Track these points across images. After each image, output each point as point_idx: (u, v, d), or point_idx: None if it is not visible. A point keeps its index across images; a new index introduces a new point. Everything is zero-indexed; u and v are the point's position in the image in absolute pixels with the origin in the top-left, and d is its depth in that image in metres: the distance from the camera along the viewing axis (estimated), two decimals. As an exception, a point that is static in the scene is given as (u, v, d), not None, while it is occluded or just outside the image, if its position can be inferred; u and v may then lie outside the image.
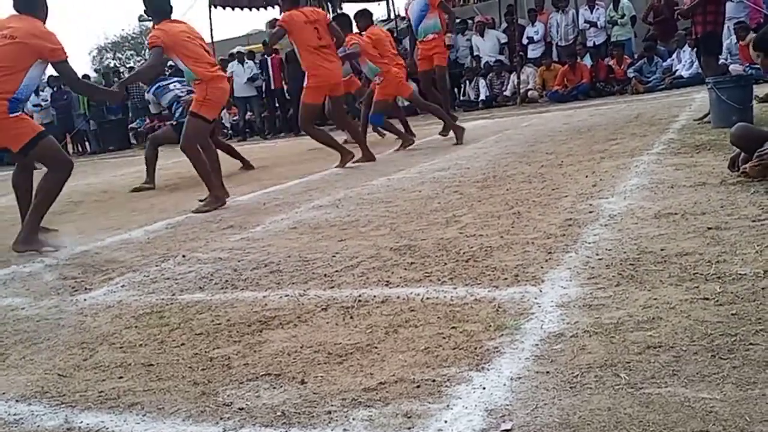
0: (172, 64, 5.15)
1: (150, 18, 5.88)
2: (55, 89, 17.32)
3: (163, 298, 3.00)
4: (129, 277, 3.47)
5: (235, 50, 16.25)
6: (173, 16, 5.50)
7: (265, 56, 15.05)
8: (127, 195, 7.20)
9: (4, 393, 2.14)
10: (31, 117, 15.71)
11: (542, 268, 2.71)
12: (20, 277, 3.80)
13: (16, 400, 2.08)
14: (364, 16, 8.14)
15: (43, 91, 17.00)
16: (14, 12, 4.52)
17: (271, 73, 14.95)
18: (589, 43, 13.24)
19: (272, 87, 15.05)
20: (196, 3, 15.95)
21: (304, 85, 6.83)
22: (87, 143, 17.80)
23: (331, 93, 7.03)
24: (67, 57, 4.50)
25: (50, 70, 4.87)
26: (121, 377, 2.16)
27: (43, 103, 16.88)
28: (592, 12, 13.16)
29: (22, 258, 4.29)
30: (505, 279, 2.63)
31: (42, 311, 3.04)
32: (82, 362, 2.35)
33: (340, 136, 8.43)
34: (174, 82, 8.03)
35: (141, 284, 3.29)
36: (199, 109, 5.36)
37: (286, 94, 14.94)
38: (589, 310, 2.21)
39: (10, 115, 4.36)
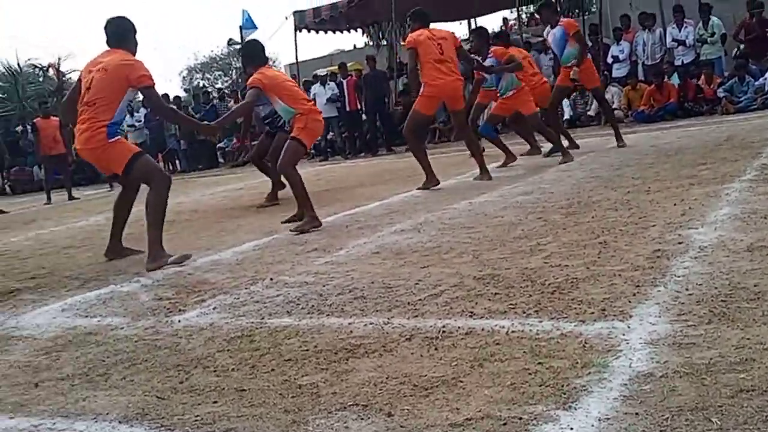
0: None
1: (246, 61, 6.26)
2: (149, 110, 18.07)
3: (253, 322, 3.10)
4: (220, 299, 3.60)
5: (318, 72, 16.63)
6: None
7: (341, 78, 15.33)
8: (216, 214, 7.44)
9: (108, 413, 2.27)
10: (126, 137, 16.51)
11: (630, 302, 2.67)
12: (118, 296, 4.00)
13: (119, 422, 2.20)
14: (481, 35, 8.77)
15: (137, 112, 17.79)
16: (108, 48, 4.90)
17: (346, 94, 15.20)
18: (677, 62, 12.93)
19: (347, 109, 15.29)
20: (282, 26, 16.40)
21: (420, 93, 7.05)
22: (177, 162, 18.48)
23: (451, 107, 7.30)
24: (153, 84, 4.80)
25: None
26: (215, 402, 2.26)
27: (137, 124, 17.68)
28: (680, 30, 12.85)
29: (120, 278, 4.51)
30: (592, 313, 2.61)
31: (140, 332, 3.20)
32: (179, 385, 2.46)
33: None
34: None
35: (232, 307, 3.41)
36: (299, 134, 5.59)
37: (363, 116, 15.18)
38: (680, 349, 2.17)
39: (109, 141, 4.67)
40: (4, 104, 28.02)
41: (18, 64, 28.33)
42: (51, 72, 25.68)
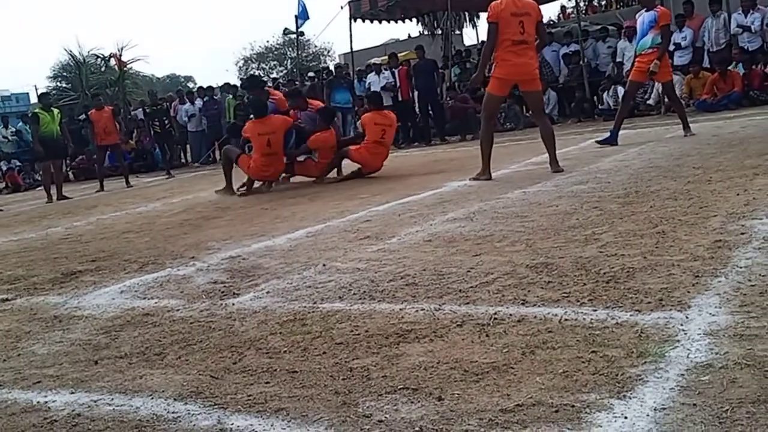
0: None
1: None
2: (205, 99, 18.40)
3: (305, 306, 3.13)
4: (273, 284, 3.64)
5: (373, 61, 16.65)
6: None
7: (392, 68, 15.31)
8: (271, 202, 7.52)
9: (163, 391, 2.32)
10: (185, 125, 16.83)
11: (689, 292, 2.60)
12: (175, 279, 4.08)
13: (174, 399, 2.24)
14: None
15: (197, 101, 18.15)
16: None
17: (398, 83, 15.17)
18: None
19: (400, 98, 15.26)
20: (338, 16, 16.47)
21: (491, 74, 6.85)
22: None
23: (525, 88, 6.95)
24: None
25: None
26: (267, 382, 2.29)
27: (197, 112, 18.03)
28: (746, 16, 12.41)
29: (176, 261, 4.60)
30: (649, 303, 2.55)
31: (195, 314, 3.26)
32: (232, 365, 2.50)
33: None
34: None
35: (284, 291, 3.45)
36: None
37: (416, 107, 15.14)
38: (741, 341, 2.11)
39: None
40: (68, 93, 28.91)
41: (81, 54, 29.18)
42: (113, 62, 26.31)
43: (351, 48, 17.62)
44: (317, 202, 7.01)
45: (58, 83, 31.45)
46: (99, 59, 29.72)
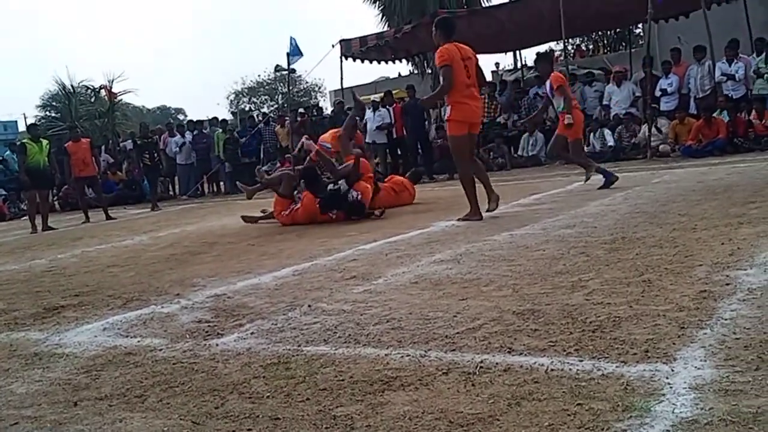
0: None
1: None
2: (195, 133, 18.46)
3: (290, 349, 3.10)
4: (258, 324, 3.61)
5: (372, 98, 16.89)
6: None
7: (387, 106, 15.49)
8: (258, 238, 7.50)
9: (143, 436, 2.28)
10: (174, 158, 16.88)
11: (674, 344, 2.60)
12: (159, 317, 4.04)
13: (154, 444, 2.21)
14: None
15: (184, 135, 18.20)
16: None
17: (393, 121, 15.33)
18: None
19: (395, 135, 15.41)
20: (329, 54, 16.63)
21: (446, 118, 7.07)
22: (222, 183, 18.76)
23: (473, 130, 7.14)
24: None
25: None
26: (249, 429, 2.25)
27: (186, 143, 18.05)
28: (730, 65, 12.65)
29: (161, 298, 4.57)
30: (635, 354, 2.55)
31: (178, 354, 3.22)
32: (214, 410, 2.46)
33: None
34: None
35: (269, 332, 3.42)
36: None
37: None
38: (726, 396, 2.10)
39: None
40: (57, 123, 28.89)
41: (72, 85, 29.24)
42: (103, 93, 26.37)
43: (341, 85, 17.77)
44: (305, 239, 7.00)
45: (48, 112, 31.41)
46: (89, 90, 29.78)
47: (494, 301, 3.52)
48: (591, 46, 29.87)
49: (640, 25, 18.86)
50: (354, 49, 16.47)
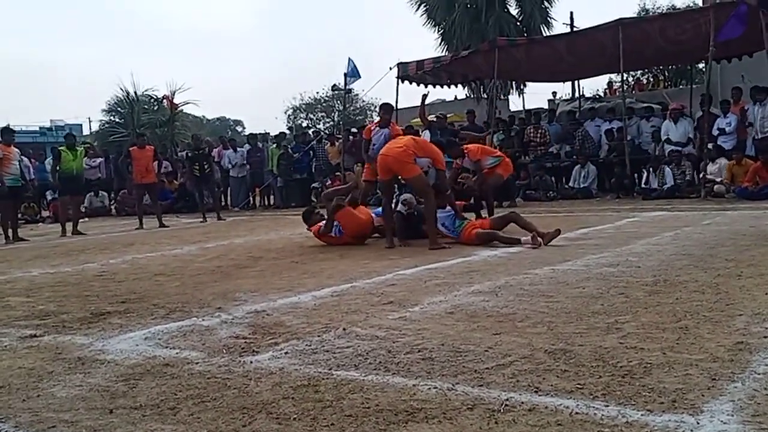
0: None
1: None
2: (251, 147, 18.85)
3: (321, 372, 3.16)
4: (293, 344, 3.68)
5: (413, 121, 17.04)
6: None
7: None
8: (301, 255, 7.61)
9: (172, 448, 2.37)
10: (228, 170, 17.18)
11: (703, 396, 2.58)
12: (198, 330, 4.15)
13: (181, 458, 2.28)
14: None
15: (241, 147, 18.61)
16: None
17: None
18: (788, 140, 12.39)
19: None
20: (385, 76, 16.82)
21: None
22: (272, 197, 19.06)
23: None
24: None
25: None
26: (273, 450, 2.31)
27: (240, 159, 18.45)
28: (793, 107, 12.35)
29: (202, 311, 4.69)
30: (662, 403, 2.53)
31: (213, 368, 3.31)
32: (241, 428, 2.54)
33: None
34: None
35: (302, 353, 3.49)
36: None
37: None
38: (750, 454, 2.08)
39: None
40: (119, 130, 29.77)
41: (135, 93, 30.13)
42: (165, 103, 27.10)
43: (396, 106, 17.87)
44: (347, 259, 7.08)
45: (112, 117, 32.38)
46: (152, 99, 30.63)
47: (527, 338, 3.53)
48: (651, 80, 29.48)
49: (703, 61, 18.56)
50: (411, 71, 16.60)
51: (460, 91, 24.34)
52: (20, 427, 2.66)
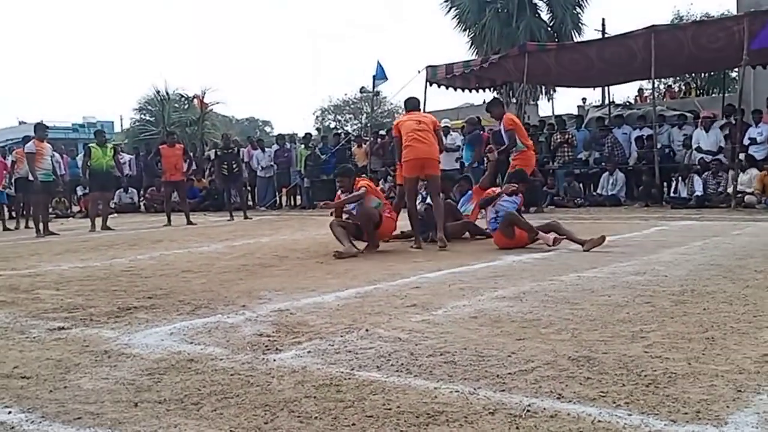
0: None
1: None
2: (278, 147, 18.97)
3: (343, 372, 3.17)
4: (316, 343, 3.70)
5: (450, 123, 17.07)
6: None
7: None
8: (327, 255, 7.64)
9: (194, 443, 2.39)
10: (256, 170, 17.38)
11: (728, 407, 2.55)
12: (223, 327, 4.19)
13: (203, 452, 2.31)
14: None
15: (270, 147, 18.78)
16: None
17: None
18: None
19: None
20: (414, 79, 16.84)
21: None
22: (299, 197, 19.17)
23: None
24: None
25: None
26: (294, 448, 2.33)
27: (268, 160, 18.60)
28: (829, 118, 12.15)
29: (227, 308, 4.73)
30: (685, 414, 2.50)
31: (236, 365, 3.34)
32: (263, 425, 2.55)
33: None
34: None
35: (325, 353, 3.51)
36: None
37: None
38: (775, 468, 2.05)
39: None
40: (149, 128, 30.16)
41: (167, 92, 30.50)
42: (195, 102, 27.39)
43: (424, 109, 17.90)
44: (371, 261, 7.10)
45: (143, 115, 32.80)
46: (182, 98, 30.98)
47: (551, 344, 3.51)
48: (682, 87, 29.13)
49: (736, 69, 18.30)
50: (440, 75, 16.60)
51: (489, 96, 24.28)
52: (47, 418, 2.70)
